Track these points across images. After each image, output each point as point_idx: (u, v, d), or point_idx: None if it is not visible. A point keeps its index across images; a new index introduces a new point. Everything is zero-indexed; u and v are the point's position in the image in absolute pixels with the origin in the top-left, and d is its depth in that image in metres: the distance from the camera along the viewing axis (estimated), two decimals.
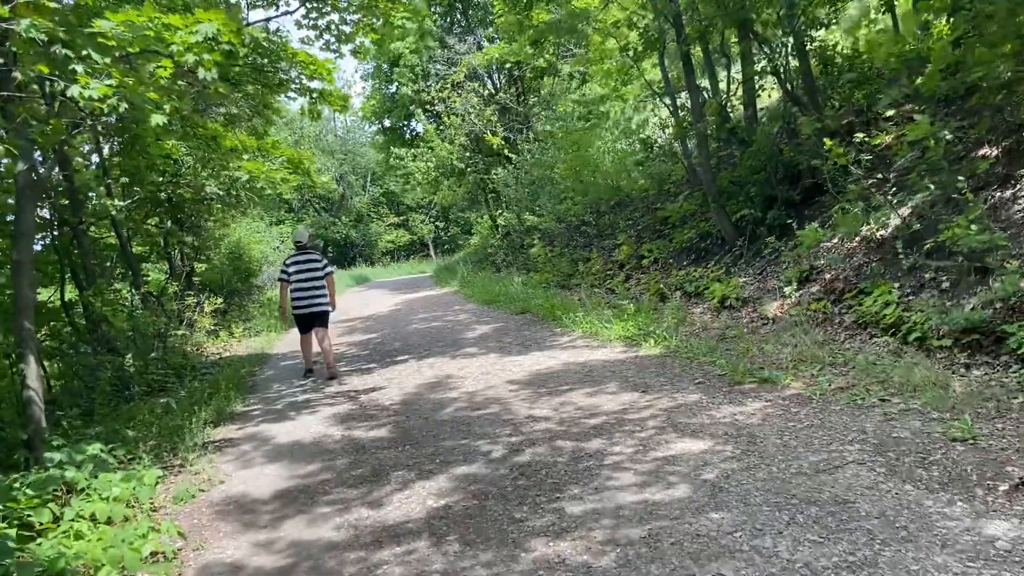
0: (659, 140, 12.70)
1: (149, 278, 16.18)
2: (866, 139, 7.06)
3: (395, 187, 47.73)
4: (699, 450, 4.38)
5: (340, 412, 6.79)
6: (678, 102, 11.06)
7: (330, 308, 8.72)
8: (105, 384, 8.75)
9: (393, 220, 48.02)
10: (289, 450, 5.77)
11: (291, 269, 8.67)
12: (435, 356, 8.97)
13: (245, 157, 13.08)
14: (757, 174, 9.02)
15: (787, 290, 7.14)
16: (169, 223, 14.78)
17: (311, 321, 8.64)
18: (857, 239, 7.16)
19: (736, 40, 10.18)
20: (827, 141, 6.79)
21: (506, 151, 17.74)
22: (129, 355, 10.08)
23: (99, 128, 9.68)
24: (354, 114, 27.81)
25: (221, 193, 12.67)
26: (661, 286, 9.71)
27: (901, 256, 6.29)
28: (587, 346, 8.17)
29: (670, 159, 12.14)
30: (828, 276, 7.04)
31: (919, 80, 6.80)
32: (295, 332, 9.22)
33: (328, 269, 8.77)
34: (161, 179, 12.96)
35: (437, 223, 48.63)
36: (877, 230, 6.81)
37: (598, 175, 13.46)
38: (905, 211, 6.70)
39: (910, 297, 5.97)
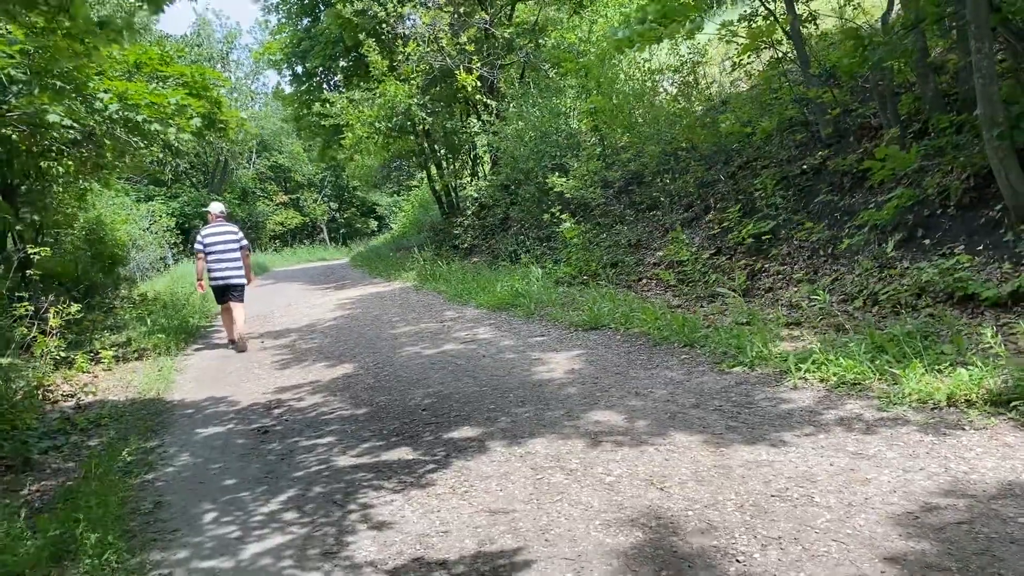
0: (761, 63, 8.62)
1: None
2: None
3: (284, 159, 41.80)
4: None
5: None
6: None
7: (245, 281, 9.01)
8: None
9: (282, 198, 41.78)
10: None
11: (207, 240, 8.77)
12: (543, 434, 4.46)
13: (115, 73, 7.98)
14: None
15: None
16: None
17: (227, 292, 8.83)
18: None
19: None
20: None
21: (478, 97, 13.06)
22: None
23: None
24: (258, 56, 22.12)
25: (72, 126, 7.41)
26: (892, 288, 5.65)
27: None
28: (886, 420, 3.93)
29: (778, 91, 8.09)
30: None
31: None
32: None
33: (244, 242, 9.03)
34: None
35: (330, 203, 42.87)
36: None
37: (660, 119, 9.28)
38: None
39: None
